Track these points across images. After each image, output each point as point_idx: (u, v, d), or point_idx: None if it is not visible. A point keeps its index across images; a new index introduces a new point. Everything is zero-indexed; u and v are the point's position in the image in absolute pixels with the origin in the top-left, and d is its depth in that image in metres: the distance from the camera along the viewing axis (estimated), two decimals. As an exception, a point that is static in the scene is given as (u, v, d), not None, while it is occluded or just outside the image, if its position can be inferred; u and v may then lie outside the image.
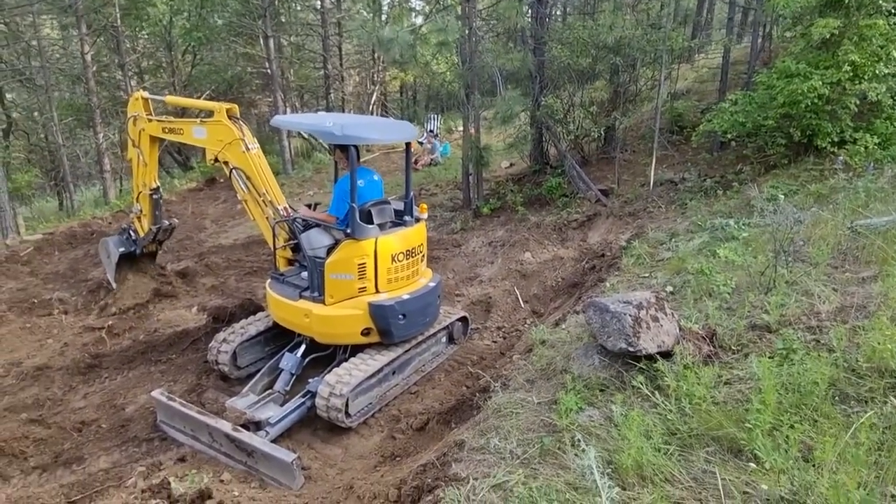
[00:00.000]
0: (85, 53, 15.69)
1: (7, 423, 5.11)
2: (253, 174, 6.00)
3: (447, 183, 14.32)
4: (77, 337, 7.02)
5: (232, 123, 6.00)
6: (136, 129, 7.04)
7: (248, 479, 4.46)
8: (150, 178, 7.27)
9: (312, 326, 5.40)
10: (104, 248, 7.95)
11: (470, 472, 3.25)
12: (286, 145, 17.38)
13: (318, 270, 5.35)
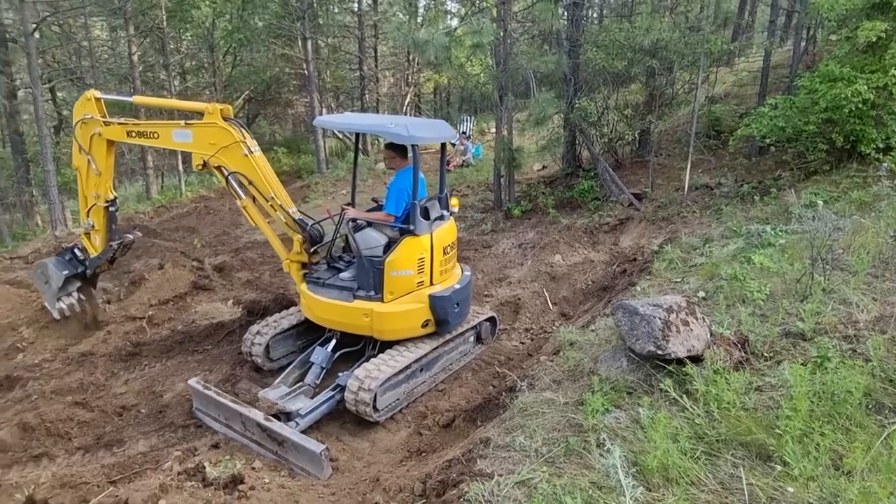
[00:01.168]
0: (132, 54, 16.30)
1: (54, 405, 5.36)
2: (257, 178, 5.68)
3: (478, 184, 14.38)
4: (119, 325, 7.30)
5: (229, 125, 5.61)
6: (85, 132, 6.22)
7: (278, 467, 4.59)
8: (106, 188, 6.40)
9: (374, 325, 5.39)
10: (41, 273, 6.80)
11: (495, 469, 3.30)
12: (321, 145, 17.70)
13: (375, 269, 5.35)
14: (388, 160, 6.01)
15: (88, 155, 6.25)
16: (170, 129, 5.88)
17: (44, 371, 6.23)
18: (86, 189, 6.47)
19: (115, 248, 6.75)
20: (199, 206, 14.91)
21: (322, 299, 5.58)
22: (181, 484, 3.70)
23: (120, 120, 6.20)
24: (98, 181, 6.36)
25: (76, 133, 6.29)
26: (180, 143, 5.91)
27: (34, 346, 6.84)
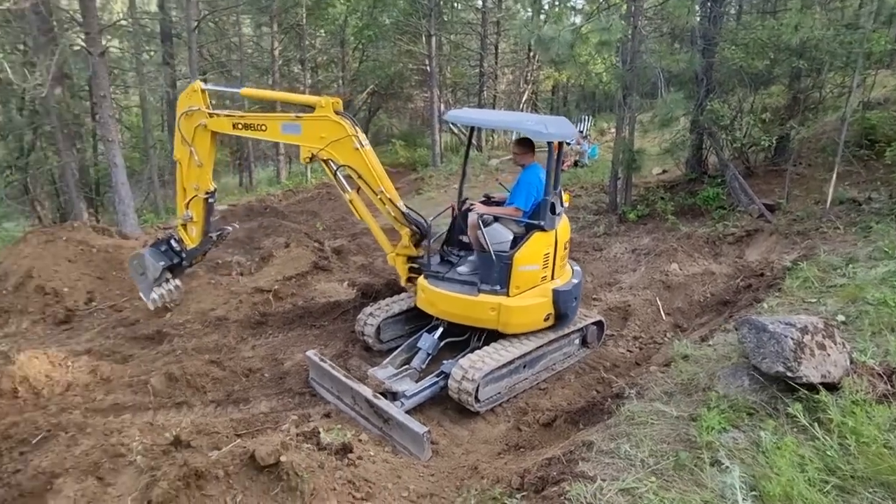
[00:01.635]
0: (273, 49, 17.70)
1: (194, 361, 6.01)
2: (367, 172, 5.77)
3: (592, 186, 14.02)
4: (249, 296, 8.00)
5: (341, 119, 5.67)
6: (189, 124, 6.19)
7: (383, 443, 4.82)
8: (206, 179, 6.36)
9: (501, 318, 5.48)
10: (139, 264, 6.81)
11: (598, 473, 3.25)
12: (437, 139, 18.14)
13: (502, 264, 5.42)
14: (518, 156, 5.97)
15: (191, 146, 6.16)
16: (278, 122, 5.85)
17: (186, 330, 7.01)
18: (186, 180, 6.40)
19: (214, 239, 6.79)
20: (322, 193, 15.89)
21: (445, 292, 5.61)
22: (299, 444, 4.01)
23: (226, 112, 6.15)
24: (199, 173, 6.29)
25: (180, 124, 6.20)
26: (289, 136, 5.88)
27: (180, 307, 7.70)
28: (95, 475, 3.97)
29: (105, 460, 4.09)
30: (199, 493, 3.52)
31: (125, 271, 8.61)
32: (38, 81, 10.63)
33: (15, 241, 9.28)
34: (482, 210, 5.72)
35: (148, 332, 6.94)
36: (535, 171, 5.69)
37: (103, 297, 8.06)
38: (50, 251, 8.27)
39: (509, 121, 6.40)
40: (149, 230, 12.20)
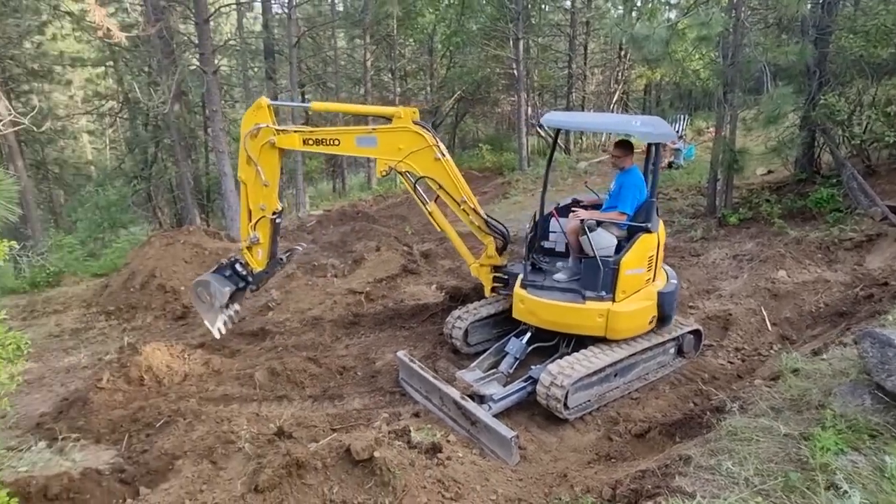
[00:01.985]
0: (366, 60, 18.41)
1: (293, 358, 6.38)
2: (448, 182, 5.71)
3: (688, 188, 13.35)
4: (343, 297, 8.38)
5: (420, 129, 5.57)
6: (256, 143, 5.74)
7: (470, 445, 4.87)
8: (273, 199, 5.96)
9: (609, 325, 5.40)
10: (203, 292, 6.22)
11: (696, 489, 3.11)
12: (524, 143, 18.04)
13: (608, 269, 5.33)
14: (618, 158, 5.84)
15: (257, 165, 5.75)
16: (353, 136, 5.66)
17: (286, 328, 7.45)
18: (251, 201, 5.99)
19: (283, 261, 6.45)
20: (411, 198, 16.27)
21: (548, 302, 5.49)
22: (391, 442, 4.15)
23: (294, 127, 5.91)
24: (265, 192, 5.89)
25: (246, 144, 5.76)
26: (364, 149, 5.72)
27: (280, 307, 8.21)
28: (209, 459, 4.33)
29: (218, 446, 4.45)
30: (299, 481, 3.74)
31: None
32: (161, 100, 11.76)
33: (141, 244, 10.30)
34: (585, 215, 5.56)
35: (253, 329, 7.44)
36: (637, 174, 5.63)
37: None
38: (170, 253, 9.11)
39: (612, 123, 6.32)
40: (253, 234, 13.08)
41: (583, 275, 5.52)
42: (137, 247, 10.15)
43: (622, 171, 5.77)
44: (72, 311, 8.61)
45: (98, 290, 9.18)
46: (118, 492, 4.06)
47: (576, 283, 5.60)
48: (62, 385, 6.30)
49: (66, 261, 11.53)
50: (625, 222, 5.52)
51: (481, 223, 6.00)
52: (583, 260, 5.60)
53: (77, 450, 4.74)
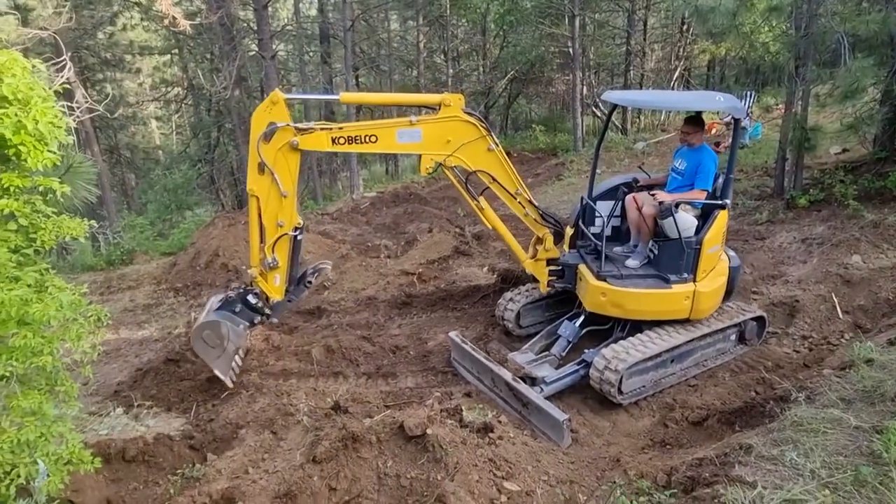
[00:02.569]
0: (419, 42, 18.38)
1: (348, 336, 6.55)
2: (503, 174, 5.34)
3: (754, 168, 12.72)
4: (396, 278, 8.50)
5: (472, 118, 5.08)
6: (273, 146, 4.68)
7: (521, 426, 4.88)
8: (292, 212, 4.97)
9: (694, 306, 5.35)
10: (211, 335, 5.04)
11: (758, 479, 3.01)
12: (579, 123, 17.62)
13: (691, 250, 5.27)
14: (689, 135, 5.64)
15: (273, 173, 4.72)
16: (392, 130, 4.84)
17: (341, 307, 7.65)
18: (266, 218, 4.91)
19: (311, 282, 5.52)
20: (461, 183, 16.28)
21: (634, 291, 5.30)
22: (443, 420, 4.21)
23: (320, 124, 4.83)
24: (284, 205, 4.88)
25: (259, 148, 4.65)
26: (406, 144, 4.95)
27: (335, 286, 8.42)
28: (271, 429, 4.53)
29: (278, 417, 4.65)
30: (355, 454, 3.87)
31: (291, 252, 9.58)
32: (223, 85, 12.16)
33: (205, 224, 10.77)
34: (667, 198, 5.38)
35: (309, 307, 7.68)
36: (711, 150, 5.55)
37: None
38: (232, 233, 9.49)
39: (691, 99, 6.08)
40: (309, 216, 13.42)
41: (664, 258, 5.41)
42: (202, 227, 10.63)
43: (691, 147, 5.62)
44: (144, 288, 9.12)
45: (167, 268, 9.68)
46: (188, 457, 4.32)
47: (652, 268, 5.51)
48: (136, 356, 6.72)
49: (138, 240, 12.22)
50: (701, 201, 5.41)
51: (536, 215, 5.80)
52: (661, 243, 5.48)
53: (150, 416, 5.06)
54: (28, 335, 2.50)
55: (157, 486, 4.05)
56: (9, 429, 2.52)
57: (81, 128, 15.72)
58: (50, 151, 2.63)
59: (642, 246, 5.71)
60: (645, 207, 5.48)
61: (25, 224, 2.66)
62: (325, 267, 5.85)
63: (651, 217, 5.45)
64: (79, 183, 2.98)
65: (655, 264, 5.55)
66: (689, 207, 5.42)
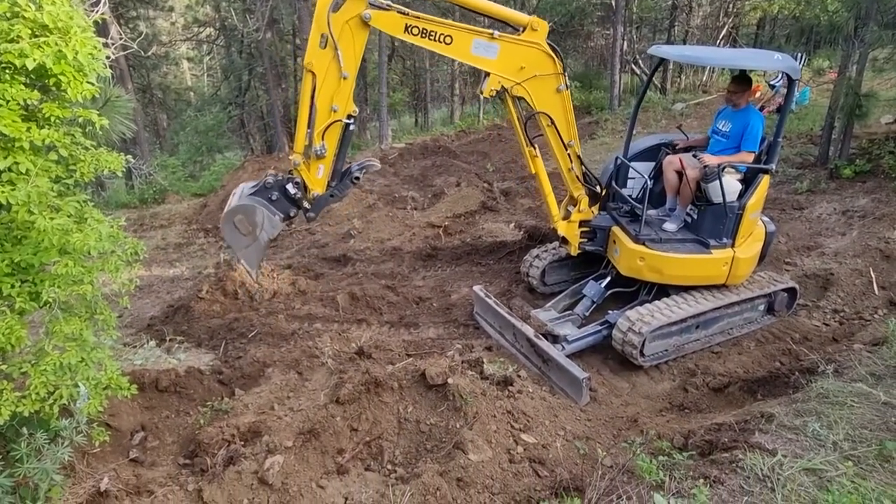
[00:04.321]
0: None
1: (373, 285, 6.63)
2: (563, 121, 5.04)
3: (797, 135, 12.21)
4: (422, 230, 8.51)
5: (552, 52, 4.68)
6: (341, 16, 4.16)
7: (540, 381, 4.94)
8: (349, 98, 4.45)
9: (732, 271, 5.31)
10: (244, 220, 4.62)
11: (778, 447, 3.01)
12: (617, 80, 17.02)
13: (733, 214, 5.21)
14: (736, 94, 5.41)
15: (337, 48, 4.18)
16: (470, 37, 4.43)
17: (367, 256, 7.72)
18: (321, 99, 4.39)
19: (358, 178, 4.87)
20: (493, 134, 16.00)
21: (675, 256, 5.20)
22: (464, 371, 4.28)
23: (397, 6, 4.35)
24: (342, 87, 4.39)
25: (329, 17, 4.10)
26: (479, 57, 4.51)
27: (361, 235, 8.47)
28: (296, 370, 4.67)
29: (303, 359, 4.78)
30: (377, 398, 3.97)
31: (318, 199, 9.61)
32: (255, 26, 11.99)
33: (235, 167, 10.86)
34: (712, 161, 5.21)
35: (335, 255, 7.77)
36: (757, 112, 5.34)
37: (300, 220, 9.15)
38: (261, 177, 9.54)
39: (748, 57, 5.76)
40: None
41: (704, 222, 5.32)
42: (232, 170, 10.74)
43: (737, 108, 5.39)
44: (175, 227, 9.32)
45: (197, 209, 9.85)
46: (216, 390, 4.49)
47: (690, 233, 5.43)
48: (168, 293, 6.93)
49: (170, 180, 12.41)
50: (746, 164, 5.25)
51: (580, 172, 5.47)
52: (701, 207, 5.36)
53: (181, 351, 5.25)
54: (69, 264, 2.58)
55: (188, 416, 4.23)
56: (52, 352, 2.64)
57: (116, 65, 15.76)
58: (89, 83, 2.63)
59: (680, 209, 5.58)
60: (689, 170, 5.30)
61: (65, 155, 2.70)
62: (372, 163, 5.18)
63: (695, 180, 5.29)
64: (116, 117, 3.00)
65: (694, 228, 5.46)
66: (734, 171, 5.26)
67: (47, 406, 2.66)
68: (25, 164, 2.51)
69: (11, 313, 2.52)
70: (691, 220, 5.54)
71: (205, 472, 3.44)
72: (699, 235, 5.34)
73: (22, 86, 2.54)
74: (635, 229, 5.36)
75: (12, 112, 2.48)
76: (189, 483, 3.32)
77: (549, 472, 3.53)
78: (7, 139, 2.50)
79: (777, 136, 5.20)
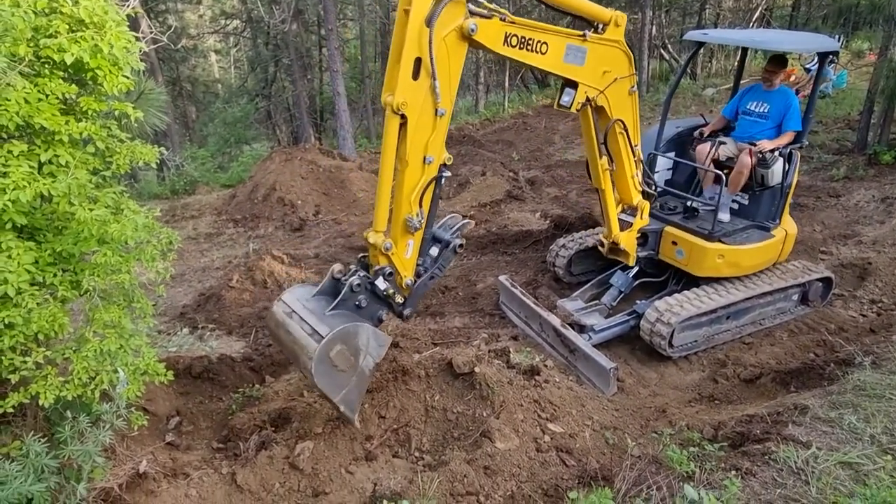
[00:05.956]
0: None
1: (398, 275, 6.66)
2: (633, 124, 4.49)
3: (834, 120, 11.82)
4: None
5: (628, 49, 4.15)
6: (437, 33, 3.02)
7: (567, 371, 4.92)
8: (442, 143, 3.35)
9: (785, 248, 5.46)
10: (344, 352, 3.22)
11: (812, 440, 2.95)
12: (645, 66, 16.68)
13: (783, 194, 5.34)
14: (773, 74, 5.36)
15: (434, 76, 3.07)
16: (563, 43, 3.72)
17: (393, 246, 7.75)
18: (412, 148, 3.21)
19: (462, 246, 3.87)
20: (518, 122, 15.86)
21: (749, 247, 5.15)
22: (490, 360, 4.29)
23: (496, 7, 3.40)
24: (437, 128, 3.26)
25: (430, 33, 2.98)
26: (569, 66, 3.84)
27: (388, 225, 8.51)
28: (324, 358, 4.72)
29: (331, 347, 4.83)
30: (404, 386, 4.01)
31: (345, 189, 9.71)
32: (280, 18, 12.07)
33: (263, 159, 11.00)
34: (770, 145, 5.15)
35: (361, 244, 7.81)
36: (791, 91, 5.43)
37: (327, 210, 9.25)
38: (288, 168, 9.66)
39: (798, 39, 5.90)
40: (363, 153, 13.48)
41: (758, 207, 5.40)
42: (260, 161, 10.87)
43: (771, 89, 5.39)
44: (205, 218, 9.50)
45: (227, 200, 10.01)
46: (248, 377, 4.59)
47: (742, 219, 5.48)
48: (199, 282, 7.08)
49: (200, 171, 12.63)
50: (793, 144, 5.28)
51: (641, 177, 4.98)
52: (754, 192, 5.42)
53: (213, 338, 5.37)
54: (108, 253, 2.66)
55: (221, 402, 4.34)
56: (92, 339, 2.73)
57: (147, 58, 16.07)
58: (124, 76, 2.70)
59: (727, 197, 5.46)
60: (744, 157, 5.20)
61: (102, 148, 2.77)
62: (466, 223, 4.06)
63: (749, 167, 5.19)
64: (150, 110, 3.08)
65: (744, 214, 5.53)
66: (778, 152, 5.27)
67: (89, 391, 2.76)
68: (65, 157, 2.59)
69: (54, 301, 2.61)
70: (738, 206, 5.60)
71: (238, 456, 3.53)
72: (756, 220, 5.41)
73: (60, 80, 2.61)
74: (704, 227, 5.15)
75: (52, 106, 2.55)
76: (223, 466, 3.41)
77: (577, 462, 3.53)
78: (47, 132, 2.57)
79: (808, 113, 5.32)
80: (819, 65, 5.53)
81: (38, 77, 2.57)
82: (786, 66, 5.54)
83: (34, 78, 2.56)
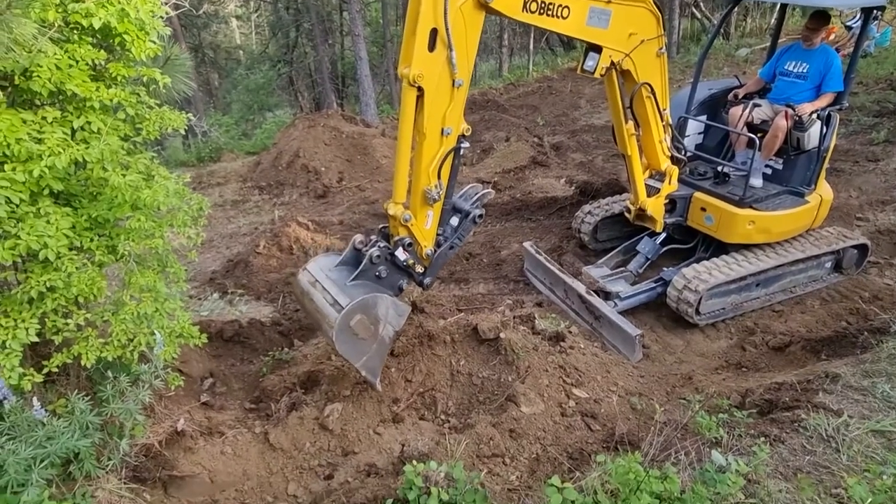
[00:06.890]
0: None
1: (423, 240, 6.68)
2: (661, 87, 4.41)
3: (875, 80, 11.29)
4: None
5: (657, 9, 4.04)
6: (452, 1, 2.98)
7: (592, 337, 4.92)
8: (461, 114, 3.32)
9: (819, 214, 5.34)
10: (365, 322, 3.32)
11: (843, 408, 2.93)
12: (675, 26, 16.07)
13: (819, 158, 5.18)
14: (815, 32, 5.10)
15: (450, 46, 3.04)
16: (586, 6, 3.63)
17: (417, 212, 7.74)
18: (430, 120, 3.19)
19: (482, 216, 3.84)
20: (543, 86, 15.51)
21: (782, 213, 5.04)
22: (515, 326, 4.31)
23: None
24: (455, 100, 3.22)
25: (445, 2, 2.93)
26: (592, 29, 3.74)
27: (411, 191, 8.50)
28: (351, 322, 4.80)
29: (358, 312, 4.90)
30: (429, 351, 4.06)
31: (368, 156, 9.68)
32: (301, -20, 11.83)
33: (286, 125, 10.99)
34: (810, 108, 4.95)
35: (384, 211, 7.83)
36: (832, 49, 5.13)
37: (350, 177, 9.26)
38: (311, 135, 9.65)
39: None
40: (385, 119, 13.37)
41: (793, 171, 5.24)
42: (283, 128, 10.87)
43: (811, 48, 5.11)
44: (231, 185, 9.60)
45: (251, 167, 10.08)
46: (277, 341, 4.69)
47: (775, 184, 5.32)
48: (227, 248, 7.20)
49: (225, 139, 12.71)
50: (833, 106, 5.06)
51: (670, 142, 4.93)
52: (788, 156, 5.24)
53: (243, 303, 5.49)
54: (141, 218, 2.71)
55: (251, 365, 4.46)
56: (129, 302, 2.81)
57: (170, 25, 16.04)
58: (151, 41, 2.69)
59: (759, 162, 5.29)
60: (779, 120, 5.01)
61: (132, 114, 2.79)
62: (487, 193, 3.97)
63: (785, 130, 5.02)
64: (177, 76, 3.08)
65: (778, 179, 5.36)
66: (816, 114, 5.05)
67: (128, 352, 2.86)
68: (97, 124, 2.62)
69: (92, 266, 2.69)
70: (771, 171, 5.42)
71: (269, 416, 3.64)
72: (790, 185, 5.24)
73: (90, 46, 2.62)
74: (734, 193, 5.04)
75: (82, 72, 2.57)
76: (256, 426, 3.53)
77: (602, 427, 3.56)
78: (79, 99, 2.60)
79: (850, 73, 5.06)
80: (864, 21, 5.15)
81: (67, 43, 2.59)
82: (828, 23, 5.22)
83: (64, 44, 2.57)
